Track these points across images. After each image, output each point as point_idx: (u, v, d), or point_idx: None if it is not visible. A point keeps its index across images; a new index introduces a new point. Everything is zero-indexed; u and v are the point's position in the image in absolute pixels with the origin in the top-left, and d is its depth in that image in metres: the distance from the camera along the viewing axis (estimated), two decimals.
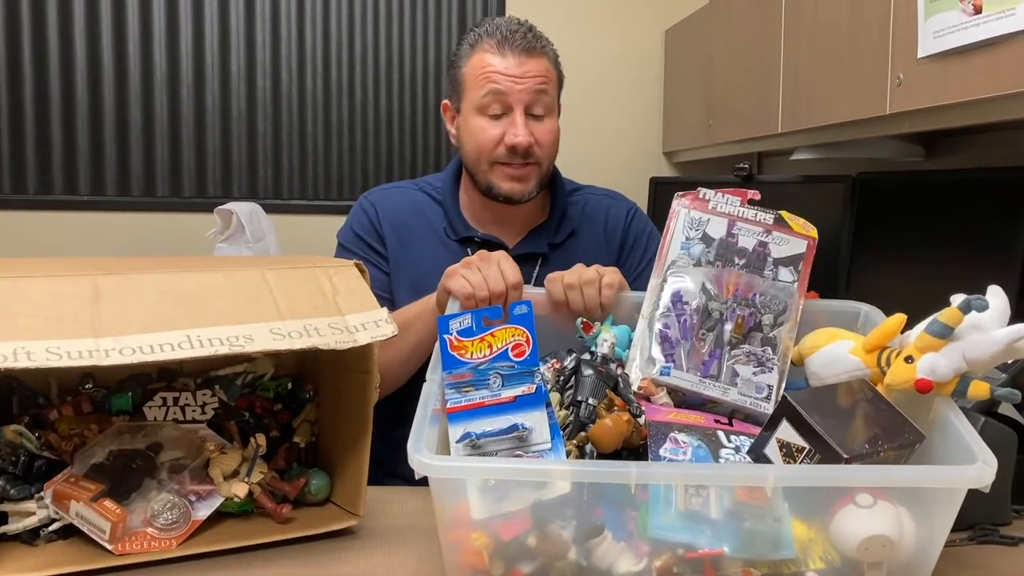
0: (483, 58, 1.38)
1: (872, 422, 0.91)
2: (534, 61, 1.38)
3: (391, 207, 1.49)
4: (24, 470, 1.00)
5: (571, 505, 0.87)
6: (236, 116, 2.93)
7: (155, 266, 0.98)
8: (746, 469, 0.93)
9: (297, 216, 2.95)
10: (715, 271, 1.14)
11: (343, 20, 2.97)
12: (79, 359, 0.83)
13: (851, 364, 1.02)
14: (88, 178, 2.86)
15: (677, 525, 0.85)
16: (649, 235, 1.55)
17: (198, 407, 1.09)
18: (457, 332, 1.03)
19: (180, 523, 0.99)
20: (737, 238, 1.15)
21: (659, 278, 1.15)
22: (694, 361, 1.09)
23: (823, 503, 0.85)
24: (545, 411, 0.99)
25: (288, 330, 0.94)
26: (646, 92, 3.11)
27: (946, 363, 0.92)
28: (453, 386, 1.01)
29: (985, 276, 1.60)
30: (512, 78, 1.36)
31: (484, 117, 1.38)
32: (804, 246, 1.15)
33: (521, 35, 1.38)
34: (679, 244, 1.17)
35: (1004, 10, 1.27)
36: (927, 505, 0.86)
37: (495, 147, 1.38)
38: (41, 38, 2.79)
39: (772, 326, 1.11)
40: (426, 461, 0.84)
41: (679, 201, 1.19)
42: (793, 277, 1.14)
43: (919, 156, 2.05)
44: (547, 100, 1.39)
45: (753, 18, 2.27)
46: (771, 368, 1.09)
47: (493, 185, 1.41)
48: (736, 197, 1.18)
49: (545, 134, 1.40)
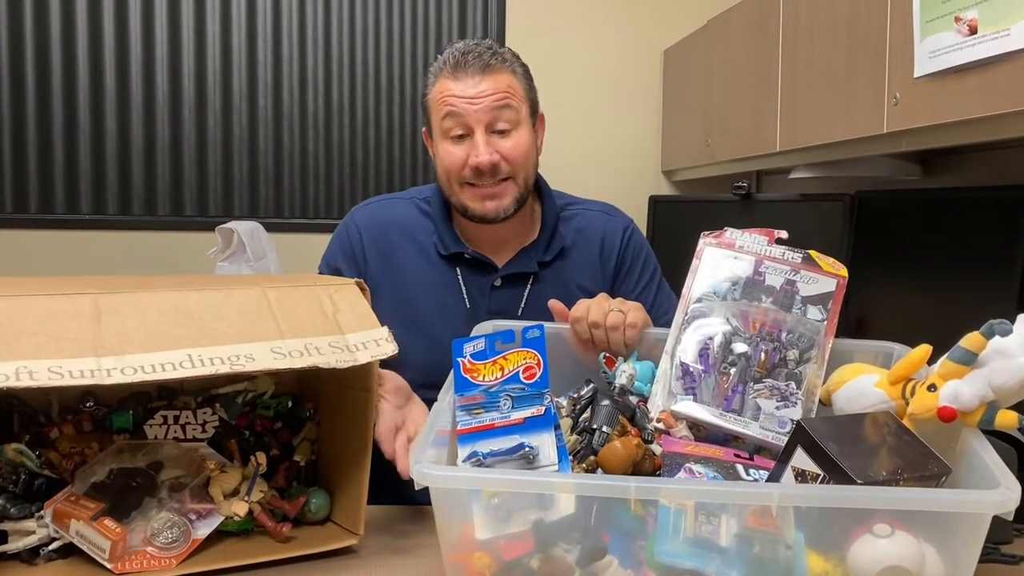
0: (443, 84, 1.37)
1: (894, 453, 0.88)
2: (491, 79, 1.36)
3: (376, 225, 1.48)
4: (24, 489, 1.00)
5: (576, 528, 0.86)
6: (237, 135, 2.94)
7: (156, 285, 0.98)
8: (751, 487, 0.91)
9: (298, 235, 2.96)
10: (741, 307, 1.12)
11: (344, 40, 2.99)
12: (81, 379, 0.84)
13: (876, 397, 0.99)
14: (90, 197, 2.87)
15: (685, 552, 0.84)
16: (645, 258, 1.53)
17: (198, 425, 1.09)
18: (471, 355, 1.04)
19: (180, 542, 0.99)
20: (764, 276, 1.14)
21: (683, 314, 1.14)
22: (716, 395, 1.07)
23: (839, 533, 0.82)
24: (553, 433, 0.99)
25: (289, 349, 0.94)
26: (645, 111, 3.12)
27: (970, 390, 0.89)
28: (464, 408, 1.01)
29: (983, 294, 1.61)
30: (467, 99, 1.35)
31: (448, 141, 1.38)
32: (834, 285, 1.13)
33: (476, 55, 1.36)
34: (705, 282, 1.15)
35: (999, 31, 1.28)
36: (949, 534, 0.81)
37: (460, 169, 1.37)
38: (44, 58, 2.81)
39: (798, 362, 1.08)
40: (426, 471, 0.84)
41: (705, 240, 1.18)
42: (822, 316, 1.11)
43: (916, 174, 2.06)
44: (510, 115, 1.37)
45: (751, 38, 2.29)
46: (794, 403, 1.06)
47: (467, 207, 1.40)
48: (763, 236, 1.17)
49: (512, 149, 1.37)
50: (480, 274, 1.44)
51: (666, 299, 1.52)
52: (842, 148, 1.87)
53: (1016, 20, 1.25)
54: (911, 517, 0.81)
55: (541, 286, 1.43)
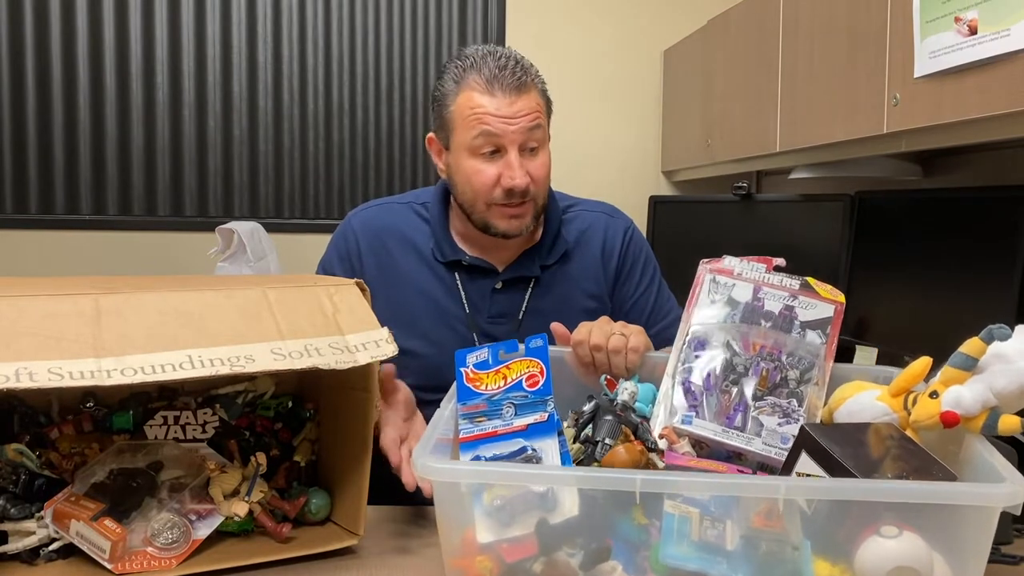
0: (471, 97, 1.31)
1: (899, 459, 0.88)
2: (525, 98, 1.32)
3: (373, 230, 1.46)
4: (24, 489, 1.00)
5: (579, 532, 0.85)
6: (238, 135, 2.94)
7: (156, 285, 0.98)
8: (758, 479, 0.91)
9: (298, 235, 2.96)
10: (741, 330, 1.13)
11: (344, 40, 2.99)
12: (81, 379, 0.84)
13: (878, 410, 0.99)
14: (90, 197, 2.87)
15: (691, 555, 0.83)
16: (645, 259, 1.52)
17: (199, 426, 1.09)
18: (474, 365, 1.04)
19: (180, 542, 0.99)
20: (763, 302, 1.15)
21: (684, 337, 1.15)
22: (719, 414, 1.08)
23: (846, 537, 0.82)
24: (557, 439, 0.99)
25: (289, 350, 0.94)
26: (645, 112, 3.13)
27: (971, 395, 0.89)
28: (467, 416, 1.01)
29: (983, 294, 1.61)
30: (504, 119, 1.30)
31: (477, 159, 1.33)
32: (832, 310, 1.14)
33: (510, 72, 1.31)
34: (704, 307, 1.17)
35: (999, 31, 1.28)
36: (956, 530, 0.81)
37: (491, 189, 1.33)
38: (44, 58, 2.81)
39: (799, 381, 1.09)
40: (428, 465, 0.84)
41: (704, 267, 1.19)
42: (821, 340, 1.12)
43: (916, 175, 2.06)
44: (539, 134, 1.35)
45: (751, 38, 2.29)
46: (796, 419, 1.06)
47: (491, 225, 1.37)
48: (761, 264, 1.18)
49: (540, 169, 1.35)
50: (480, 278, 1.42)
51: (666, 301, 1.52)
52: (842, 148, 1.87)
53: (1016, 20, 1.25)
54: (918, 518, 0.81)
55: (543, 289, 1.43)
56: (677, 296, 1.47)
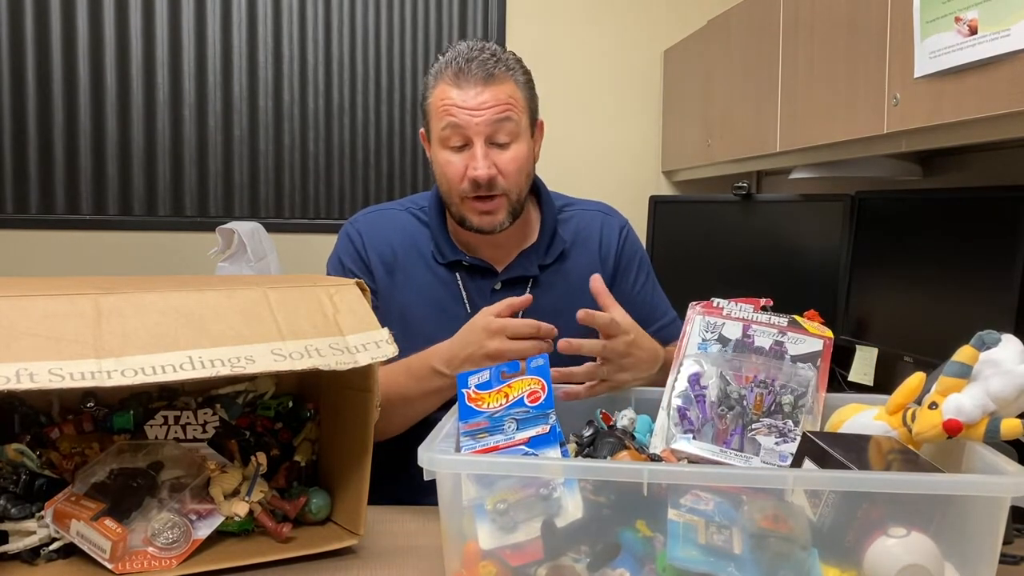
0: (443, 90, 1.34)
1: (903, 467, 0.88)
2: (493, 89, 1.32)
3: (377, 235, 1.46)
4: (25, 489, 1.00)
5: (585, 536, 0.85)
6: (238, 135, 2.94)
7: (157, 285, 0.98)
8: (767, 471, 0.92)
9: (298, 235, 2.96)
10: (733, 364, 1.15)
11: (344, 40, 2.99)
12: (81, 380, 0.84)
13: (878, 428, 0.99)
14: (90, 197, 2.87)
15: (698, 558, 0.83)
16: (640, 258, 1.53)
17: (199, 426, 1.09)
18: (475, 386, 1.05)
19: (180, 542, 0.99)
20: (753, 339, 1.18)
21: (677, 371, 1.18)
22: (716, 439, 1.10)
23: (853, 541, 0.82)
24: (559, 450, 0.99)
25: (289, 351, 0.94)
26: (645, 112, 3.13)
27: (971, 401, 0.89)
28: (468, 434, 1.01)
29: (983, 294, 1.61)
30: (468, 110, 1.31)
31: (448, 151, 1.35)
32: (820, 345, 1.16)
33: (479, 63, 1.32)
34: (695, 346, 1.19)
35: (999, 31, 1.28)
36: (965, 528, 0.81)
37: (460, 181, 1.35)
38: (45, 58, 2.81)
39: (793, 406, 1.11)
40: (435, 456, 0.85)
41: (694, 309, 1.23)
42: (812, 372, 1.14)
43: (917, 175, 2.06)
44: (510, 127, 1.34)
45: (751, 38, 2.29)
46: (793, 439, 1.08)
47: (465, 218, 1.38)
48: (749, 305, 1.22)
49: (509, 163, 1.35)
50: (480, 278, 1.43)
51: (661, 301, 1.54)
52: (842, 148, 1.87)
53: (1016, 20, 1.25)
54: (925, 518, 0.81)
55: (542, 289, 1.43)
56: (677, 296, 1.48)
